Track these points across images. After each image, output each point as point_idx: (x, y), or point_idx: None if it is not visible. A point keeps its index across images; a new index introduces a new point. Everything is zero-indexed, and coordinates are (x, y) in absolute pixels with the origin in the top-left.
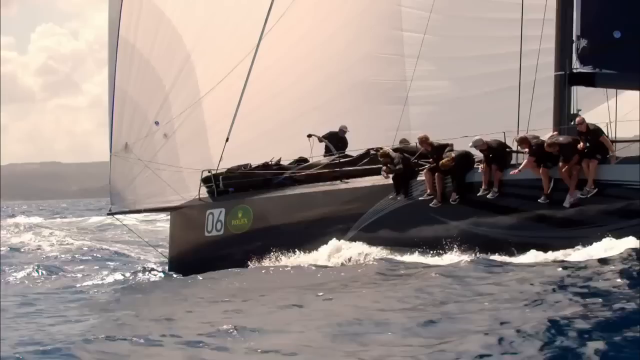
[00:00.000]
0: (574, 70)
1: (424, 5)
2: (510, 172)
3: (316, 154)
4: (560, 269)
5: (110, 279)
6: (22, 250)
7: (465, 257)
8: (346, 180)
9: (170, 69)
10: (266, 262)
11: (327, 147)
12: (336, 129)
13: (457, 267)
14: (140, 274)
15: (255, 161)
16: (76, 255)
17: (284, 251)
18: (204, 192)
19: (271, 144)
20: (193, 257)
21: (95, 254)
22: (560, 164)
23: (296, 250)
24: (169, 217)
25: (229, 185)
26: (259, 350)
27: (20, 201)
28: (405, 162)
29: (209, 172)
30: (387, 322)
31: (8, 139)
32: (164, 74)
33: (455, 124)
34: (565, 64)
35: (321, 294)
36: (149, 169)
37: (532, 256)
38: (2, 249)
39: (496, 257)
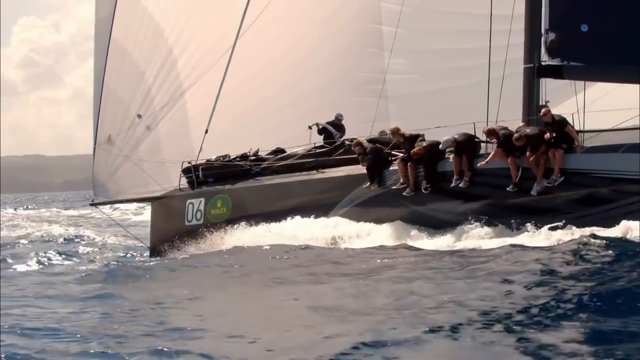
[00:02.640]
0: (543, 63)
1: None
2: (479, 164)
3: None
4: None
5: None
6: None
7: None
8: (322, 170)
9: (152, 63)
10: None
11: (327, 134)
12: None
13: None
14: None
15: (235, 152)
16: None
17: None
18: (184, 183)
19: (251, 136)
20: (173, 245)
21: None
22: (528, 153)
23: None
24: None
25: (209, 175)
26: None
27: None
28: (377, 152)
29: (189, 163)
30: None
31: None
32: (146, 67)
33: (432, 115)
34: (534, 56)
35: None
36: (131, 161)
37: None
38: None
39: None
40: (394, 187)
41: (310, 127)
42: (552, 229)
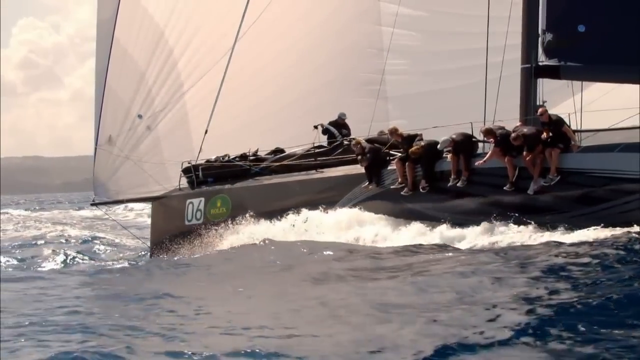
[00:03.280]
0: (540, 63)
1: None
2: (476, 163)
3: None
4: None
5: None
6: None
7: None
8: (321, 170)
9: (153, 64)
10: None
11: (330, 135)
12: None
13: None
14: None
15: (234, 152)
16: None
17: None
18: (184, 183)
19: (250, 136)
20: (173, 244)
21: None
22: (525, 153)
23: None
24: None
25: (208, 175)
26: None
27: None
28: (376, 152)
29: (188, 163)
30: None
31: None
32: (147, 68)
33: (431, 115)
34: (532, 57)
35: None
36: (132, 161)
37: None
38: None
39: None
40: (392, 187)
41: (315, 127)
42: (568, 228)
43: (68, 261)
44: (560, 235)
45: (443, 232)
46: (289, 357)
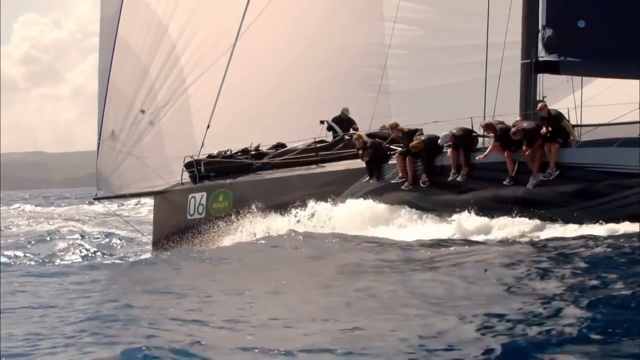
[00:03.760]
0: (540, 59)
1: None
2: (477, 158)
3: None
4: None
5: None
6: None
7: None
8: (322, 165)
9: (155, 59)
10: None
11: (334, 131)
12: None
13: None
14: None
15: (236, 147)
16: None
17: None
18: (186, 177)
19: (252, 131)
20: (176, 239)
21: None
22: (524, 147)
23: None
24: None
25: (210, 170)
26: None
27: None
28: (377, 146)
29: (191, 157)
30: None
31: None
32: (150, 63)
33: (433, 111)
34: (532, 52)
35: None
36: (134, 156)
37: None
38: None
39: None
40: (392, 181)
41: (322, 122)
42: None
43: (90, 255)
44: (589, 228)
45: (462, 224)
46: (366, 351)
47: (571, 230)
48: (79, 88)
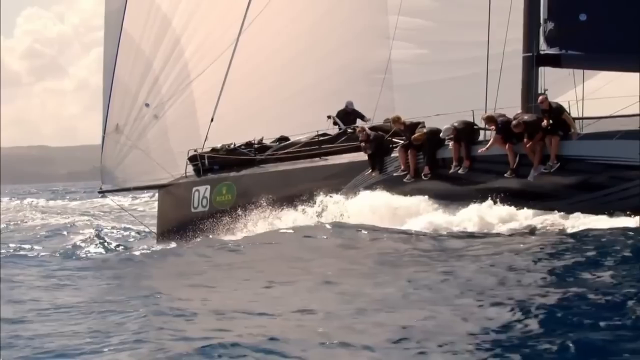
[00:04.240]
0: (541, 52)
1: None
2: (478, 150)
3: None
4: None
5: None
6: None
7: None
8: (325, 158)
9: (160, 52)
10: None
11: (339, 126)
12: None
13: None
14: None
15: (240, 141)
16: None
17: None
18: (190, 170)
19: (256, 125)
20: (180, 231)
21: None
22: (525, 140)
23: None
24: None
25: (214, 163)
26: None
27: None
28: (380, 139)
29: (195, 151)
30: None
31: None
32: (154, 56)
33: (436, 104)
34: (533, 46)
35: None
36: (139, 149)
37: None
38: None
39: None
40: (395, 174)
41: (329, 117)
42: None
43: (113, 248)
44: (620, 220)
45: (484, 216)
46: (440, 343)
47: (603, 221)
48: (82, 82)
